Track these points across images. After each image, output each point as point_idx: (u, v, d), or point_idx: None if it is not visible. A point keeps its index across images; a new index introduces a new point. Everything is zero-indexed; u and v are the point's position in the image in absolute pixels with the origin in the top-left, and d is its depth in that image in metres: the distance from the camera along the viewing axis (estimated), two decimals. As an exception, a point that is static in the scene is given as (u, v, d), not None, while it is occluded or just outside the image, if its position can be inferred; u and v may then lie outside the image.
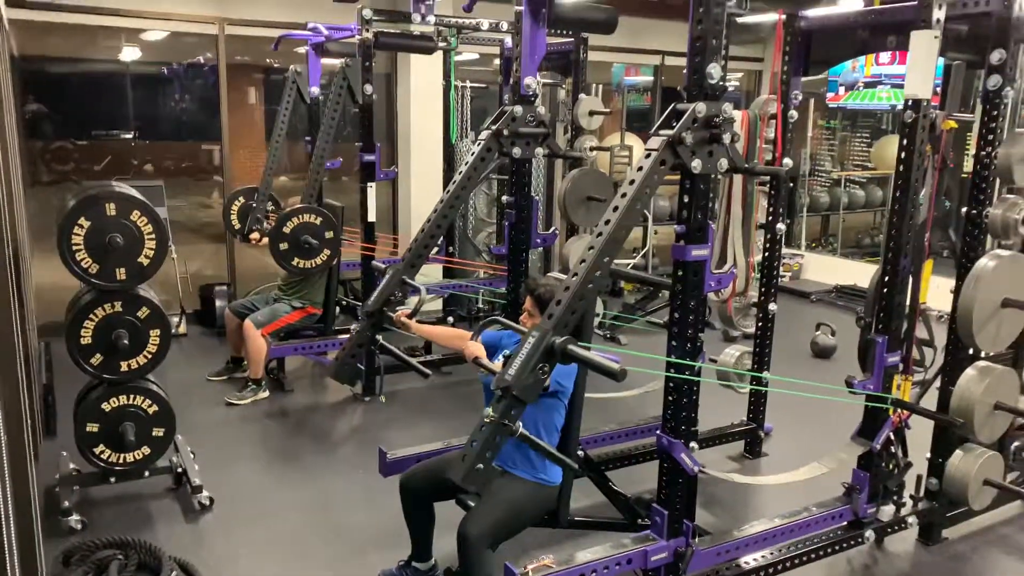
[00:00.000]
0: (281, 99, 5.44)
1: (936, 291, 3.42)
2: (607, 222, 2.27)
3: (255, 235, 5.17)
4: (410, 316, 3.07)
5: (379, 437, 4.21)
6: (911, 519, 3.29)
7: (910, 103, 2.85)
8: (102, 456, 3.34)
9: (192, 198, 7.25)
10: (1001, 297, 2.95)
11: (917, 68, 2.82)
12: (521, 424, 2.14)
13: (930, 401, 3.31)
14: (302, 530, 3.43)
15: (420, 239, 3.40)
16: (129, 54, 6.56)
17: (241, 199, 5.55)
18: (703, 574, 2.77)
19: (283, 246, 4.66)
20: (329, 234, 4.73)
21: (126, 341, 3.21)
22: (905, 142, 2.90)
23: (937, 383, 3.33)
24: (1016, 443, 3.47)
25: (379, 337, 3.26)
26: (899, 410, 3.15)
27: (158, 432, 3.40)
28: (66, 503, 3.37)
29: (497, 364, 2.35)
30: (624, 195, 2.29)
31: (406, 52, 6.60)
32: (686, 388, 2.57)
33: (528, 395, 2.11)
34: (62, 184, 6.39)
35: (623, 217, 2.27)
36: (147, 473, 3.54)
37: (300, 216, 4.70)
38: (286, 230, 4.65)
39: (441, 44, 5.61)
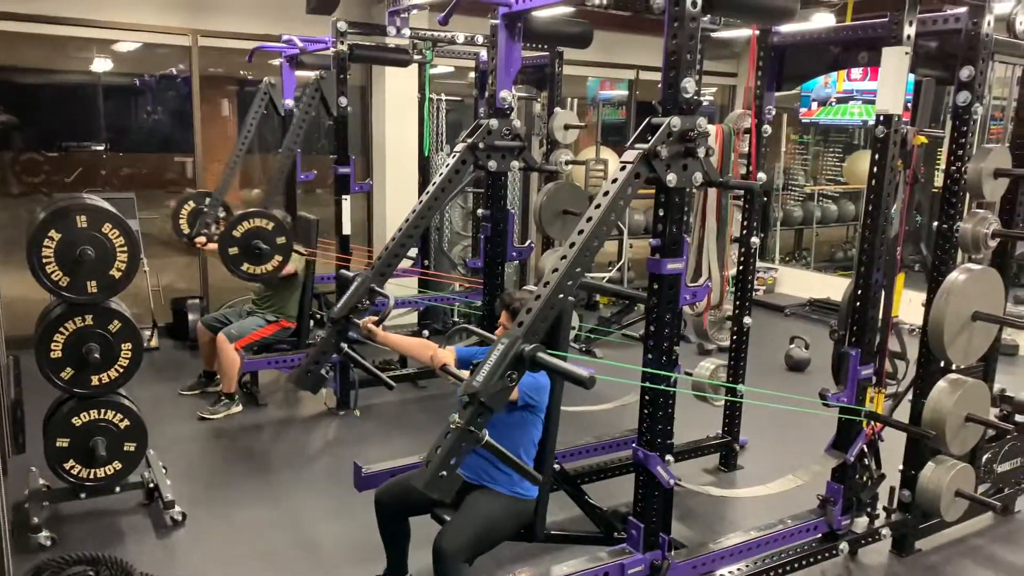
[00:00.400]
0: (251, 108, 5.39)
1: (908, 305, 3.47)
2: (580, 232, 2.28)
3: (201, 239, 5.03)
4: (376, 324, 3.02)
5: (354, 451, 4.17)
6: (884, 531, 3.31)
7: (881, 118, 2.89)
8: (72, 471, 3.28)
9: (164, 210, 7.13)
10: (972, 310, 2.99)
11: (888, 84, 2.87)
12: (487, 433, 2.11)
13: (903, 414, 3.35)
14: (276, 546, 3.38)
15: (391, 248, 3.37)
16: (101, 65, 6.49)
17: (192, 203, 5.43)
18: (680, 587, 2.77)
19: (232, 250, 4.47)
20: (280, 240, 4.56)
21: (97, 355, 3.17)
22: (877, 157, 2.94)
23: (909, 396, 3.37)
24: (987, 455, 3.52)
25: (344, 345, 3.18)
26: (872, 423, 3.18)
27: (129, 447, 3.35)
28: (35, 519, 3.30)
29: (464, 373, 2.33)
30: (598, 206, 2.30)
31: (381, 65, 6.60)
32: (662, 401, 2.57)
33: (495, 402, 2.08)
34: (32, 196, 6.29)
35: (596, 228, 2.28)
36: (118, 488, 3.47)
37: (251, 220, 4.50)
38: (236, 234, 4.46)
39: (416, 57, 5.61)
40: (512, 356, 2.10)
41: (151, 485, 3.63)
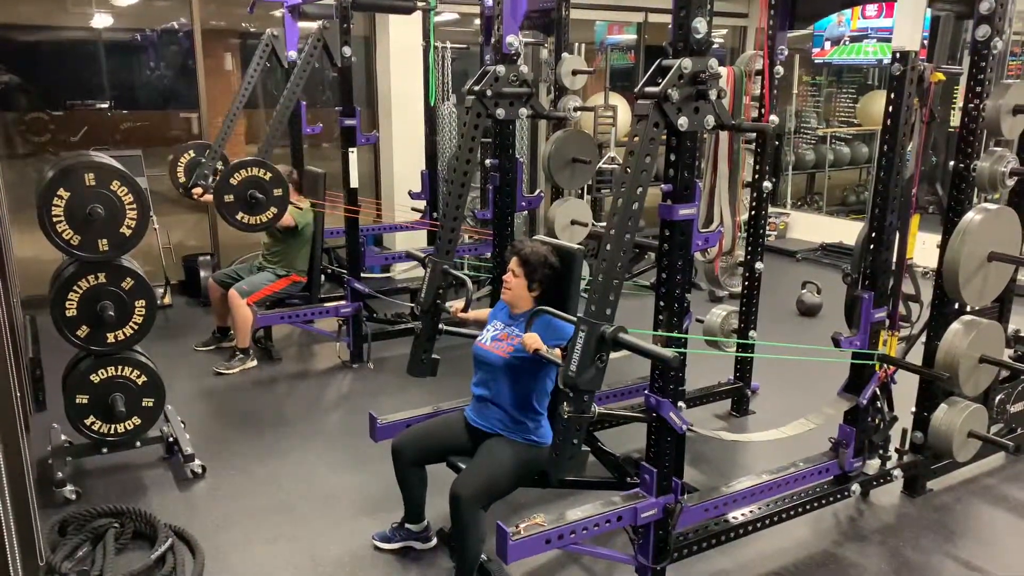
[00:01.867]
0: (252, 60, 5.31)
1: (922, 247, 3.43)
2: (618, 200, 2.29)
3: (198, 190, 4.99)
4: (464, 310, 3.15)
5: (368, 404, 4.21)
6: (896, 472, 3.33)
7: (898, 56, 2.83)
8: (93, 427, 3.33)
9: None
10: (987, 251, 2.96)
11: (905, 19, 2.80)
12: (596, 407, 2.33)
13: (916, 356, 3.34)
14: (295, 496, 3.44)
15: (445, 224, 3.41)
16: (101, 20, 6.40)
17: (191, 153, 5.38)
18: (692, 530, 2.81)
19: (228, 198, 4.36)
20: (278, 191, 4.46)
21: (112, 312, 3.19)
22: (893, 95, 2.88)
23: (923, 338, 3.36)
24: (1000, 395, 3.52)
25: (442, 326, 3.34)
26: (885, 365, 3.17)
27: (148, 402, 3.39)
28: (59, 474, 3.36)
29: (556, 353, 2.45)
30: (627, 169, 2.28)
31: (385, 13, 6.49)
32: (674, 347, 2.57)
33: (593, 385, 2.26)
34: (39, 156, 6.27)
35: (631, 192, 2.28)
36: (138, 443, 3.53)
37: (249, 169, 4.39)
38: (233, 182, 4.35)
39: (420, 4, 5.50)
40: (596, 341, 2.23)
41: (170, 439, 3.68)
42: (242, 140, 7.11)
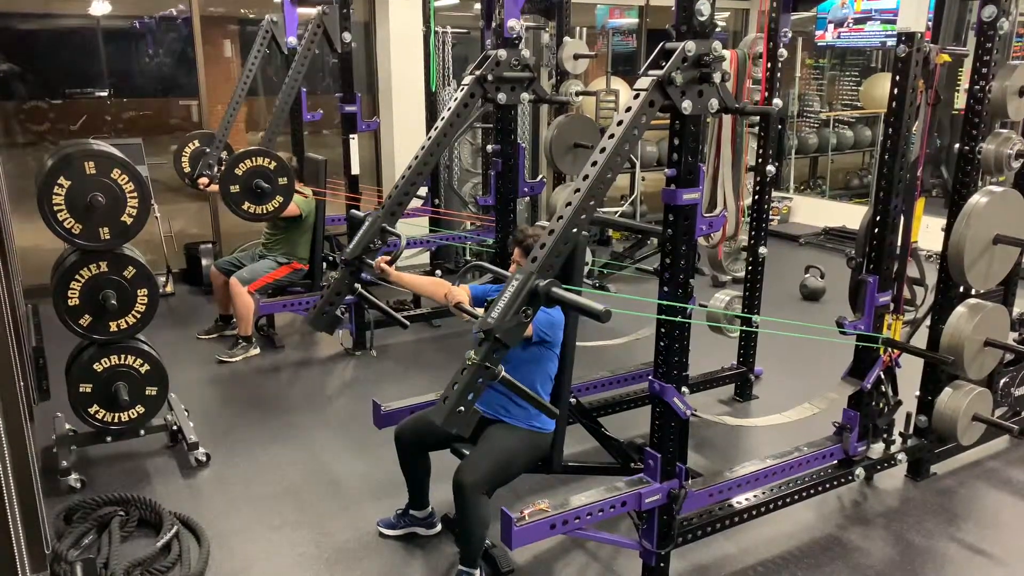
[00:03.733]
0: (252, 47, 5.28)
1: (926, 231, 3.42)
2: (593, 164, 2.23)
3: (203, 180, 4.96)
4: (389, 264, 2.99)
5: (371, 391, 4.22)
6: (900, 456, 3.33)
7: (903, 37, 2.80)
8: (97, 416, 3.34)
9: (172, 156, 7.13)
10: (993, 233, 2.95)
11: (910, 0, 2.77)
12: (503, 368, 2.11)
13: (920, 340, 3.33)
14: (299, 483, 3.45)
15: (400, 187, 3.32)
16: (99, 8, 6.36)
17: (195, 143, 5.37)
18: (696, 515, 2.81)
19: (234, 189, 4.37)
20: (283, 180, 4.47)
21: (114, 301, 3.19)
22: (898, 77, 2.85)
23: (927, 322, 3.35)
24: (1004, 379, 3.51)
25: (358, 286, 3.20)
26: (890, 349, 3.16)
27: (151, 391, 3.39)
28: (64, 463, 3.37)
29: (479, 310, 2.34)
30: (612, 136, 2.25)
31: (385, -2, 6.45)
32: (677, 333, 2.56)
33: (511, 338, 2.07)
34: (38, 145, 6.26)
35: (609, 159, 2.22)
36: (142, 432, 3.54)
37: (253, 158, 4.40)
38: (238, 172, 4.36)
39: (421, -11, 5.47)
40: (527, 292, 2.09)
41: (174, 428, 3.69)
42: (242, 128, 7.09)
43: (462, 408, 2.04)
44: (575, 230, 2.20)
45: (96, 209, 3.08)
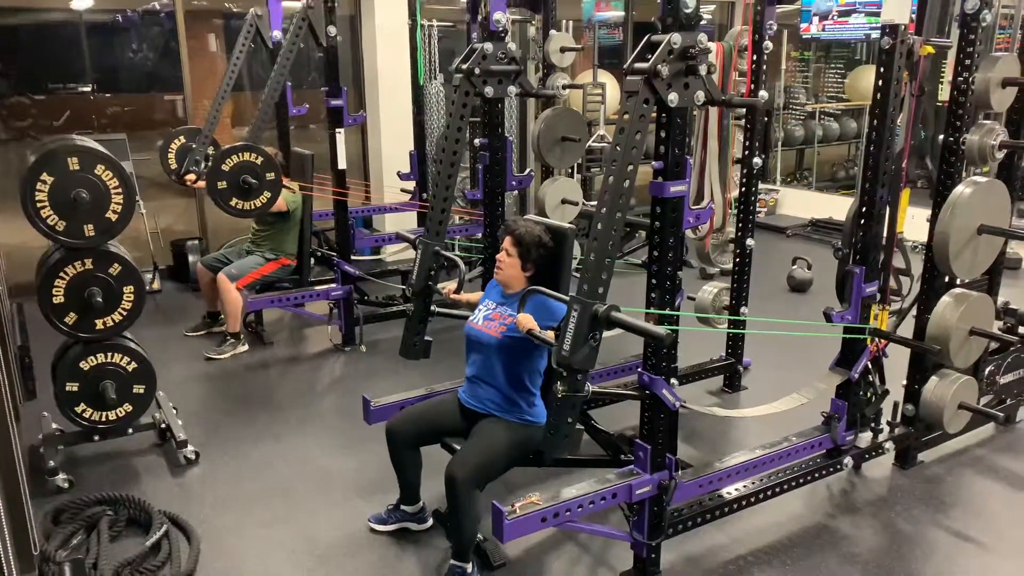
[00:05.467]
0: (237, 42, 5.25)
1: (911, 221, 3.44)
2: (610, 178, 2.27)
3: (190, 176, 4.92)
4: (456, 291, 3.13)
5: (361, 386, 4.21)
6: (888, 445, 3.36)
7: (887, 29, 2.81)
8: (84, 415, 3.31)
9: (158, 152, 7.07)
10: (977, 224, 2.97)
11: (894, -8, 2.78)
12: (590, 387, 2.30)
13: (907, 329, 3.36)
14: (290, 480, 3.44)
15: (434, 204, 3.38)
16: (81, 2, 6.30)
17: (181, 139, 5.32)
18: (687, 505, 2.83)
19: (221, 185, 4.33)
20: (270, 175, 4.43)
21: (100, 299, 3.16)
22: (882, 69, 2.86)
23: (914, 311, 3.37)
24: (990, 367, 3.54)
25: (434, 307, 3.33)
26: (877, 339, 3.19)
27: (139, 389, 3.37)
28: (51, 462, 3.35)
29: (549, 335, 2.49)
30: (617, 146, 2.26)
31: (371, -8, 6.41)
32: (666, 325, 2.57)
33: (587, 365, 2.25)
34: (21, 141, 6.20)
35: (622, 170, 2.26)
36: (130, 430, 3.52)
37: (240, 154, 4.35)
38: (224, 168, 4.32)
39: (406, -18, 5.44)
40: (589, 320, 2.22)
41: (163, 426, 3.67)
42: (228, 124, 7.04)
43: (567, 435, 2.35)
44: (610, 245, 2.28)
45: (80, 206, 3.05)
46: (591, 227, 2.31)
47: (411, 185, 6.06)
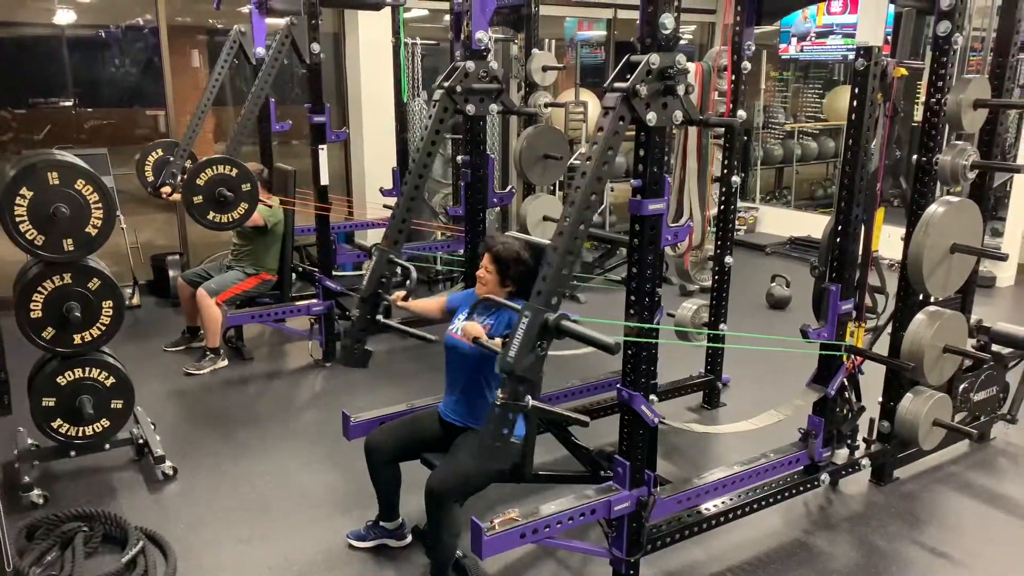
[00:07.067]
0: (219, 57, 5.25)
1: (887, 240, 3.49)
2: (576, 188, 2.29)
3: (166, 189, 4.86)
4: (405, 298, 3.12)
5: (341, 402, 4.19)
6: (864, 461, 3.39)
7: (862, 51, 2.87)
8: (60, 430, 3.27)
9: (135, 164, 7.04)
10: (950, 242, 3.02)
11: (868, 15, 2.84)
12: (531, 399, 2.25)
13: (882, 347, 3.40)
14: (268, 496, 3.42)
15: (397, 213, 3.38)
16: (64, 16, 6.29)
17: (159, 151, 5.26)
18: (665, 521, 2.84)
19: (197, 199, 4.24)
20: (246, 187, 4.35)
21: (78, 313, 3.14)
22: (857, 90, 2.92)
23: (889, 329, 3.42)
24: (963, 384, 3.59)
25: (380, 318, 3.31)
26: (853, 356, 3.23)
27: (116, 404, 3.34)
28: (26, 478, 3.31)
29: (496, 342, 2.47)
30: (589, 159, 2.29)
31: (353, 9, 6.45)
32: (645, 342, 2.59)
33: (531, 373, 2.23)
34: (1, 155, 6.15)
35: (591, 183, 2.28)
36: (107, 446, 3.48)
37: (214, 167, 4.26)
38: (199, 182, 4.23)
39: (389, 0, 5.48)
40: (538, 328, 2.21)
41: (140, 441, 3.64)
42: (210, 139, 7.03)
43: (499, 443, 2.24)
44: (571, 257, 2.29)
45: (59, 220, 3.04)
46: (552, 236, 2.32)
47: (393, 201, 6.07)
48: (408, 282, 3.14)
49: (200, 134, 5.09)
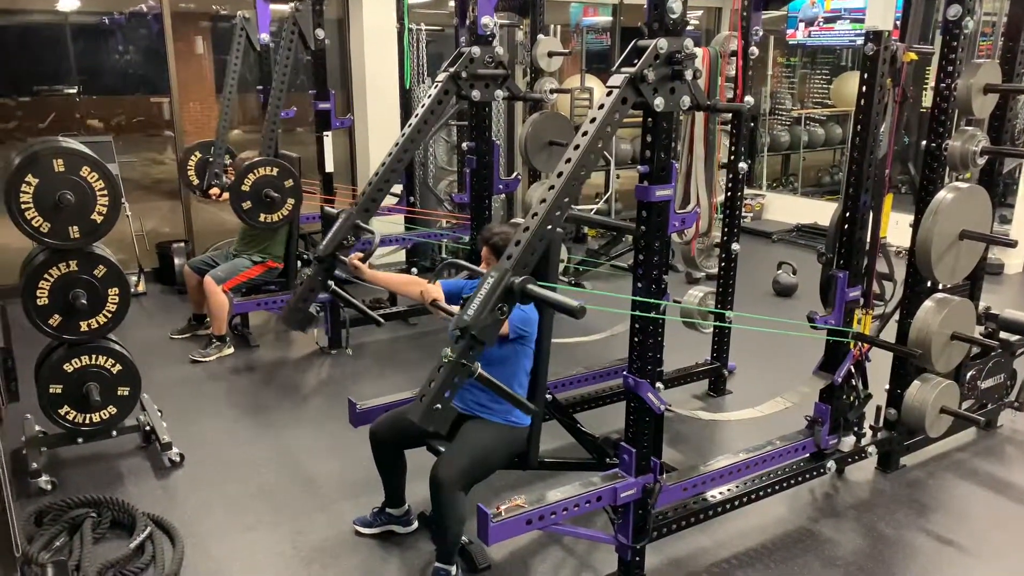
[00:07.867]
0: (231, 48, 5.27)
1: (895, 227, 3.46)
2: (567, 161, 2.24)
3: (215, 190, 5.05)
4: (363, 261, 2.98)
5: (347, 389, 4.20)
6: (871, 449, 3.38)
7: (871, 36, 2.84)
8: (67, 417, 3.29)
9: (144, 154, 7.04)
10: (959, 229, 3.00)
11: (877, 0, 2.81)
12: (479, 365, 2.10)
13: (890, 334, 3.39)
14: (274, 483, 3.43)
15: (374, 183, 3.29)
16: (67, 3, 6.27)
17: (197, 154, 5.39)
18: (671, 509, 2.84)
19: (246, 205, 4.49)
20: (288, 183, 4.56)
21: (84, 301, 3.15)
22: (866, 76, 2.89)
23: (896, 316, 3.40)
24: (971, 372, 3.57)
25: (331, 283, 3.16)
26: (860, 344, 3.21)
27: (123, 391, 3.36)
28: (35, 464, 3.33)
29: (455, 308, 2.35)
30: (585, 133, 2.26)
31: (358, -6, 6.41)
32: (651, 329, 2.58)
33: (487, 335, 2.07)
34: (6, 143, 6.16)
35: (583, 157, 2.23)
36: (115, 432, 3.50)
37: (257, 170, 4.50)
38: (245, 187, 4.46)
39: (394, -14, 5.45)
40: (502, 289, 2.08)
41: (147, 428, 3.65)
42: (213, 125, 7.01)
43: (439, 406, 2.04)
44: (550, 227, 2.20)
45: (65, 207, 3.04)
46: (534, 203, 2.24)
47: (398, 189, 6.06)
48: (372, 245, 3.01)
49: (229, 127, 5.15)
